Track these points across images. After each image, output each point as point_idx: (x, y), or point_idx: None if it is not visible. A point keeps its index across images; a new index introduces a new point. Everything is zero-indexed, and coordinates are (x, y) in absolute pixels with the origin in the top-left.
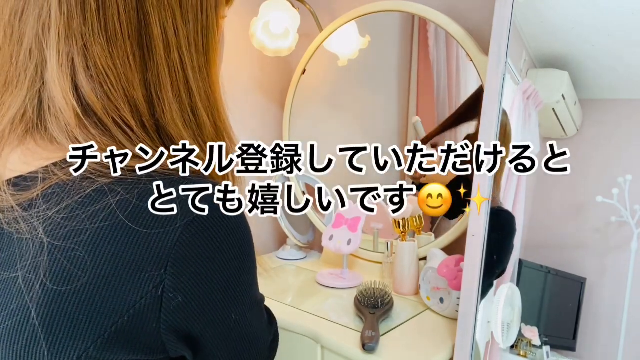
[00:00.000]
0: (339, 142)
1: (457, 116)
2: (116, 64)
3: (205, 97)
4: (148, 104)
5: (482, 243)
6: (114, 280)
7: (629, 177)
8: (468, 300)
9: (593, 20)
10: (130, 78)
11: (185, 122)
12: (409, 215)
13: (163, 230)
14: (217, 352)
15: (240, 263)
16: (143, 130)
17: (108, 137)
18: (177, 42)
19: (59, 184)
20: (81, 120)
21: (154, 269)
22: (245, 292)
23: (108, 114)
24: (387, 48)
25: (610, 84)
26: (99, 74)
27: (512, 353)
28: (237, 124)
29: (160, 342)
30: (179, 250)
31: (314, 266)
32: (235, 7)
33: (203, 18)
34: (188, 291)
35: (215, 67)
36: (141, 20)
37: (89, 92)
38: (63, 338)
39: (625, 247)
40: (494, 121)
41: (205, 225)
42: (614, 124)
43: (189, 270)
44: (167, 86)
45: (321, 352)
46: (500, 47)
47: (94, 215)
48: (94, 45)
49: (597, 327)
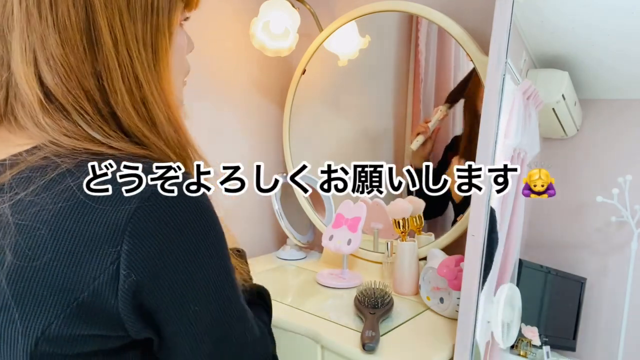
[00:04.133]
0: (338, 142)
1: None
2: (68, 55)
3: (157, 92)
4: (101, 93)
5: (482, 243)
6: (74, 257)
7: (629, 177)
8: (468, 300)
9: (593, 20)
10: (82, 69)
11: (139, 113)
12: (409, 215)
13: (118, 207)
14: (180, 338)
15: (200, 243)
16: (99, 117)
17: (70, 122)
18: (124, 38)
19: (28, 168)
20: (44, 106)
21: (110, 245)
22: (209, 274)
23: (67, 101)
24: (387, 48)
25: (610, 84)
26: (55, 64)
27: (512, 353)
28: (237, 123)
29: (119, 318)
30: (133, 226)
31: (314, 266)
32: (235, 7)
33: (153, 18)
34: (142, 269)
35: (166, 65)
36: (89, 16)
37: (49, 80)
38: (30, 312)
39: (625, 247)
40: (494, 121)
41: (161, 203)
42: (614, 124)
43: (143, 248)
44: (118, 78)
45: (321, 352)
46: (500, 47)
47: (56, 196)
48: (49, 38)
49: (597, 327)
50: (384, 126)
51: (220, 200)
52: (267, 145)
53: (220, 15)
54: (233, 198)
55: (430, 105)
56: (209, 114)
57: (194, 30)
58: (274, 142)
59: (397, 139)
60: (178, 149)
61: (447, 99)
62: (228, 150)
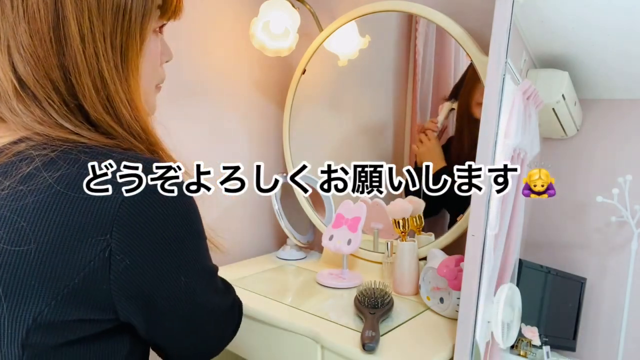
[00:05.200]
0: (338, 141)
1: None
2: (37, 46)
3: (122, 93)
4: (67, 85)
5: (482, 243)
6: (62, 246)
7: (629, 177)
8: (468, 300)
9: (593, 20)
10: (49, 60)
11: (105, 109)
12: (409, 215)
13: (105, 197)
14: (169, 316)
15: (186, 229)
16: (66, 108)
17: (42, 110)
18: (92, 36)
19: (6, 163)
20: (19, 93)
21: (100, 233)
22: (194, 257)
23: (37, 90)
24: (387, 48)
25: (610, 84)
26: (26, 53)
27: (512, 353)
28: (237, 123)
29: (111, 302)
30: (122, 215)
31: (314, 266)
32: (235, 7)
33: (125, 21)
34: (134, 254)
35: (135, 68)
36: (58, 10)
37: (21, 69)
38: (18, 301)
39: (625, 247)
40: (494, 121)
41: (146, 194)
42: (614, 124)
43: (133, 234)
44: (85, 74)
45: (321, 352)
46: (500, 47)
47: (35, 189)
48: (19, 27)
49: (597, 327)
50: (384, 126)
51: (220, 200)
52: (267, 145)
53: (220, 15)
54: (233, 198)
55: (428, 105)
56: (209, 114)
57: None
58: (274, 142)
59: (397, 139)
60: (148, 145)
61: (451, 95)
62: (228, 150)
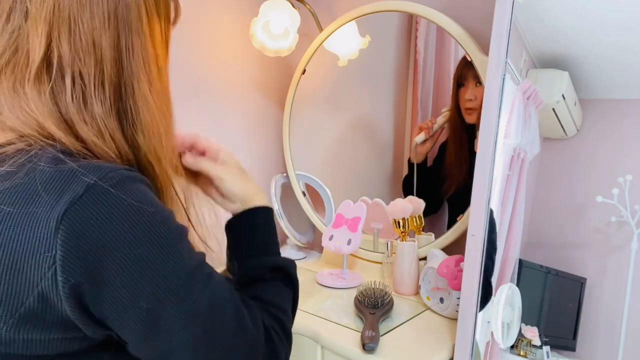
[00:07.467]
0: (338, 141)
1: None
2: (95, 27)
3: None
4: (117, 67)
5: (482, 243)
6: (16, 264)
7: (629, 177)
8: (468, 300)
9: (593, 20)
10: (104, 41)
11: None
12: (409, 215)
13: (49, 210)
14: (134, 332)
15: (139, 238)
16: (96, 90)
17: (52, 98)
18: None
19: None
20: (40, 73)
21: (46, 249)
22: (155, 268)
23: (74, 66)
24: (387, 48)
25: (610, 84)
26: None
27: (512, 353)
28: (237, 123)
29: (70, 320)
30: (64, 228)
31: (314, 266)
32: (235, 8)
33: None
34: (77, 272)
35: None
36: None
37: (64, 46)
38: None
39: (625, 247)
40: (494, 121)
41: (89, 202)
42: (614, 124)
43: (75, 251)
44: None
45: (321, 352)
46: (500, 47)
47: None
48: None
49: (597, 327)
50: (384, 126)
51: None
52: (267, 145)
53: (220, 15)
54: None
55: (428, 105)
56: (209, 114)
57: (194, 31)
58: (274, 142)
59: (397, 139)
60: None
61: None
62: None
